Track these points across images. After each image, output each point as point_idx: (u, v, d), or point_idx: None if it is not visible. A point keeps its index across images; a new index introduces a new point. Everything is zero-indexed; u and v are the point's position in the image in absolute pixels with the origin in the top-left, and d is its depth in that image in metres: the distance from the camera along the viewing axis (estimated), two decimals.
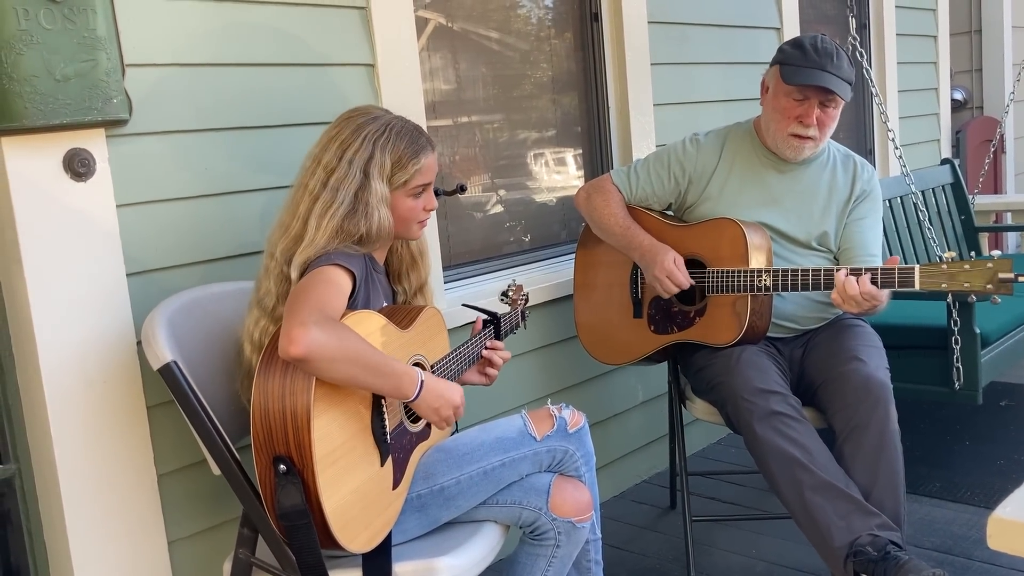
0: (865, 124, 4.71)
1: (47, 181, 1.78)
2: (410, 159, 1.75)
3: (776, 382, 2.23)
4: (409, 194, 1.78)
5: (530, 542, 1.88)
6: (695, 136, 2.55)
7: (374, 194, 1.70)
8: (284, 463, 1.48)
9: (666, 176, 2.50)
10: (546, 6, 3.07)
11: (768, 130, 2.42)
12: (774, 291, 2.25)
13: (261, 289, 1.72)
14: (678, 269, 2.33)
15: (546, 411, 1.91)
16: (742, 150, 2.48)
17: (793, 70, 2.30)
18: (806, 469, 2.10)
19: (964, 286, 1.99)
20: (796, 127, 2.34)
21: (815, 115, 2.31)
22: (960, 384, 2.70)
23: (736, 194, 2.44)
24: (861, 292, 2.08)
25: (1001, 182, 5.78)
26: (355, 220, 1.68)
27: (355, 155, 1.70)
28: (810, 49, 2.30)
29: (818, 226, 2.43)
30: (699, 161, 2.49)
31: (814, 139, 2.36)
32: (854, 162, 2.50)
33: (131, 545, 1.91)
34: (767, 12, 3.76)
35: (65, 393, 1.81)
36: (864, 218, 2.45)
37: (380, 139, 1.72)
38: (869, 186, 2.47)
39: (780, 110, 2.35)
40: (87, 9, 1.75)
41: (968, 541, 2.60)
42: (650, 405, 3.24)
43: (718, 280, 2.32)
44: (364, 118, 1.75)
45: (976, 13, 5.80)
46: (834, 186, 2.45)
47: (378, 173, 1.71)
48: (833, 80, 2.28)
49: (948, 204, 4.07)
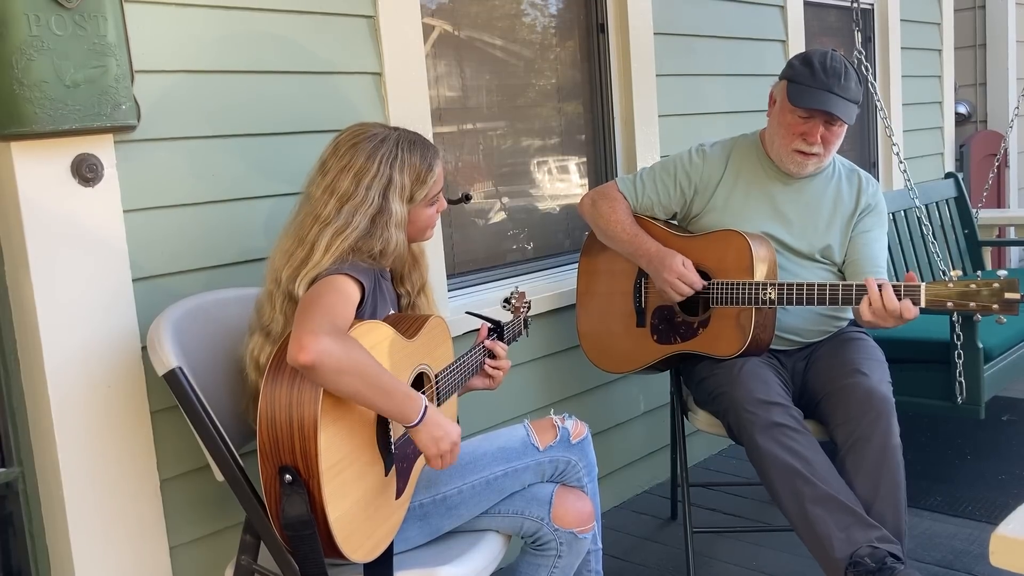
0: (869, 137, 4.71)
1: (55, 186, 1.79)
2: (427, 172, 1.76)
3: (778, 393, 2.24)
4: (427, 204, 1.80)
5: (532, 552, 1.88)
6: (701, 146, 2.55)
7: (393, 217, 1.70)
8: (290, 473, 1.48)
9: (672, 185, 2.51)
10: (552, 15, 3.09)
11: (773, 144, 2.43)
12: (779, 305, 2.25)
13: (265, 316, 1.69)
14: (688, 271, 2.33)
15: (549, 421, 1.92)
16: (747, 162, 2.49)
17: (800, 90, 2.31)
18: (807, 481, 2.10)
19: (970, 306, 1.99)
20: (800, 144, 2.35)
21: (819, 134, 2.32)
22: (963, 398, 2.70)
23: (741, 206, 2.45)
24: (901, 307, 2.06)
25: (1005, 196, 5.78)
26: (370, 243, 1.69)
27: (372, 181, 1.69)
28: (819, 68, 2.30)
29: (822, 239, 2.44)
30: (705, 171, 2.49)
31: (818, 156, 2.37)
32: (859, 176, 2.51)
33: (133, 550, 1.92)
34: (773, 24, 3.77)
35: (69, 397, 1.81)
36: (869, 231, 2.45)
37: (396, 161, 1.72)
38: (874, 200, 2.48)
39: (785, 125, 2.36)
40: (98, 16, 1.76)
41: (969, 556, 2.60)
42: (652, 415, 3.24)
43: (723, 292, 2.32)
44: (371, 143, 1.73)
45: (981, 27, 5.81)
46: (839, 199, 2.46)
47: (398, 196, 1.71)
48: (839, 103, 2.28)
49: (952, 218, 4.08)
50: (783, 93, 2.37)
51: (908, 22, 4.69)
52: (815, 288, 2.19)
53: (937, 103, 5.06)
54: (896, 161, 3.02)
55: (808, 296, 2.20)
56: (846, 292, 2.15)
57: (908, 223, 3.69)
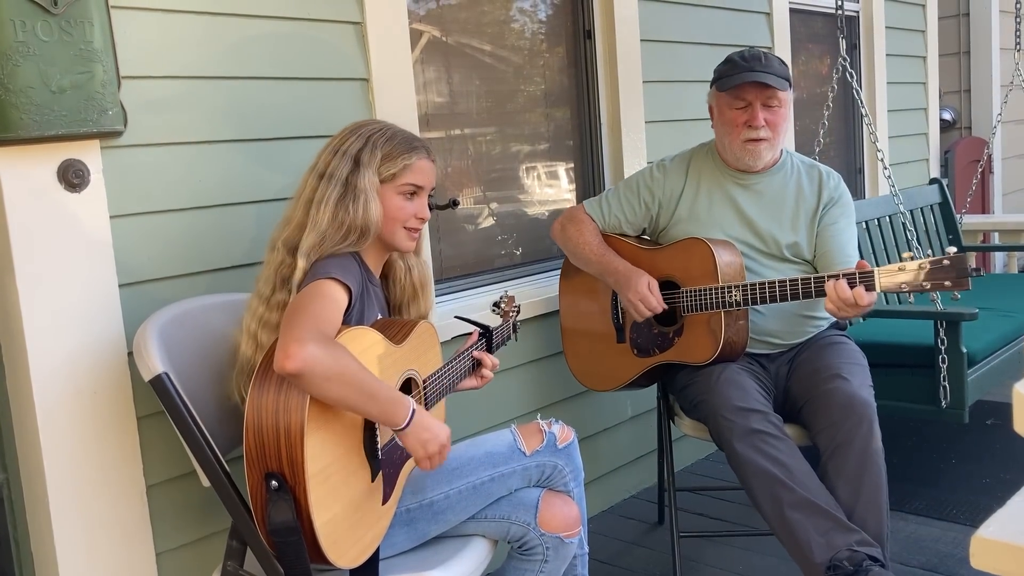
0: (854, 143, 4.75)
1: (41, 191, 1.79)
2: (401, 153, 1.78)
3: (756, 400, 2.25)
4: (398, 191, 1.79)
5: (518, 557, 1.88)
6: (661, 161, 2.61)
7: (363, 179, 1.73)
8: (276, 479, 1.48)
9: (636, 202, 2.55)
10: (540, 21, 3.10)
11: (724, 147, 2.48)
12: (745, 305, 2.28)
13: (260, 282, 1.74)
14: (651, 293, 2.37)
15: (536, 426, 1.92)
16: (706, 170, 2.54)
17: (725, 80, 2.42)
18: (785, 487, 2.12)
19: (924, 286, 2.02)
20: (747, 132, 2.40)
21: (761, 116, 2.39)
22: (947, 403, 2.72)
23: (706, 214, 2.49)
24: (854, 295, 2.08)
25: (988, 202, 5.83)
26: (346, 204, 1.71)
27: (349, 146, 1.76)
28: (737, 59, 2.43)
29: (787, 236, 2.46)
30: (666, 185, 2.54)
31: (767, 140, 2.41)
32: (819, 171, 2.54)
33: (118, 556, 1.91)
34: (758, 31, 3.79)
35: (55, 403, 1.81)
36: (835, 223, 2.48)
37: (375, 135, 1.78)
38: (837, 192, 2.51)
39: (728, 123, 2.43)
40: (84, 21, 1.76)
41: (954, 559, 2.61)
42: (639, 420, 3.25)
43: (691, 299, 2.35)
44: (366, 124, 1.82)
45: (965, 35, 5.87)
46: (800, 196, 2.49)
47: (368, 161, 1.75)
48: (765, 76, 2.36)
49: (936, 223, 4.11)
50: (715, 95, 2.48)
51: (893, 29, 4.73)
52: (776, 285, 2.21)
53: (922, 110, 5.10)
54: (881, 167, 3.05)
55: (771, 293, 2.22)
56: (805, 286, 2.18)
57: (893, 229, 3.72)
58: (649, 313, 2.38)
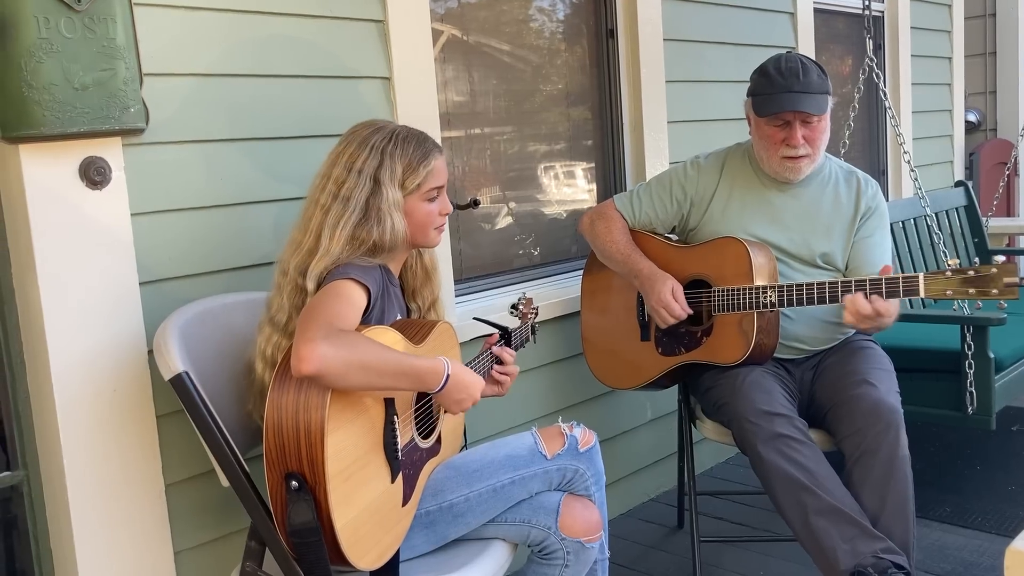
0: (879, 144, 4.70)
1: (63, 188, 1.79)
2: (420, 161, 1.76)
3: (782, 404, 2.22)
4: (424, 198, 1.78)
5: (538, 561, 1.86)
6: (696, 159, 2.55)
7: (386, 200, 1.71)
8: (296, 480, 1.47)
9: (668, 199, 2.51)
10: (560, 20, 3.08)
11: (761, 159, 2.42)
12: (780, 307, 2.24)
13: (273, 307, 1.71)
14: (675, 300, 2.33)
15: (557, 429, 1.90)
16: (741, 171, 2.49)
17: (763, 100, 2.33)
18: (811, 492, 2.09)
19: (970, 292, 1.99)
20: (785, 150, 2.34)
21: (800, 134, 2.31)
22: (973, 409, 2.68)
23: (738, 215, 2.44)
24: (874, 308, 2.06)
25: (1014, 205, 5.75)
26: (367, 227, 1.69)
27: (364, 164, 1.71)
28: (774, 73, 2.32)
29: (821, 244, 2.42)
30: (700, 183, 2.49)
31: (808, 156, 2.35)
32: (857, 178, 2.49)
33: (137, 554, 1.91)
34: (783, 31, 3.75)
35: (75, 401, 1.81)
36: (871, 235, 2.44)
37: (387, 147, 1.74)
38: (874, 202, 2.46)
39: (765, 138, 2.37)
40: (107, 18, 1.76)
41: (979, 568, 2.57)
42: (659, 423, 3.22)
43: (723, 299, 2.31)
44: (368, 130, 1.77)
45: (991, 35, 5.79)
46: (837, 204, 2.44)
47: (389, 179, 1.72)
48: (804, 99, 2.28)
49: (961, 226, 4.06)
50: (751, 110, 2.40)
51: (918, 30, 4.68)
52: (815, 287, 2.17)
53: (947, 111, 5.04)
54: (907, 169, 3.00)
55: (808, 296, 2.18)
56: (846, 288, 2.13)
57: (918, 231, 3.67)
58: (673, 321, 2.34)
